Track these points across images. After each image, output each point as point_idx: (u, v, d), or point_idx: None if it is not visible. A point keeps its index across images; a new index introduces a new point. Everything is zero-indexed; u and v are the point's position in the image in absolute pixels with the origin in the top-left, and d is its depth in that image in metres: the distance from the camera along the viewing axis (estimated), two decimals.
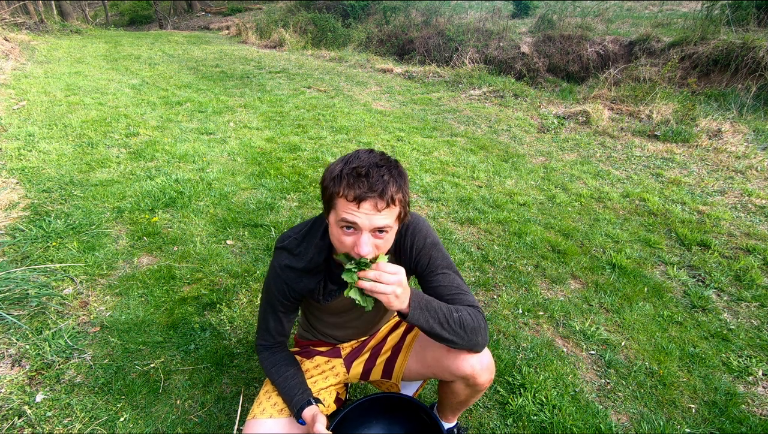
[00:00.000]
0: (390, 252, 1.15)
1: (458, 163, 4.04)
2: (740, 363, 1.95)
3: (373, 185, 0.91)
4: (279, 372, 1.21)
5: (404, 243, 1.14)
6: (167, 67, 7.70)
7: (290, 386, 1.18)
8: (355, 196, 0.91)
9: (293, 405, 1.15)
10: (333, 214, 0.97)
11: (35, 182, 3.21)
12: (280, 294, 1.17)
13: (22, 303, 2.06)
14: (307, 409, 1.13)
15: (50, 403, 1.62)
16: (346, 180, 0.92)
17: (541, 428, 1.61)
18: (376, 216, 0.93)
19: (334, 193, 0.94)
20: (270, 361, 1.24)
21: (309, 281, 1.15)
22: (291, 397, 1.16)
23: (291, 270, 1.13)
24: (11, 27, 9.77)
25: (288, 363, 1.24)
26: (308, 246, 1.12)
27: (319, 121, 5.04)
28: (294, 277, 1.14)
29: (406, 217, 1.02)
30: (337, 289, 1.17)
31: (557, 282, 2.46)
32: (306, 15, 11.96)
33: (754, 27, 7.20)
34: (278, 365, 1.23)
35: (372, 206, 0.92)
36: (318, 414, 1.10)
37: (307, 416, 1.11)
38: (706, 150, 4.39)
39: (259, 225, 2.84)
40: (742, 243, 2.85)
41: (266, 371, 1.24)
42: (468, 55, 8.67)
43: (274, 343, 1.25)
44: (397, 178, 0.96)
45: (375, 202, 0.92)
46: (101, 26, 15.72)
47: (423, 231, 1.14)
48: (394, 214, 0.96)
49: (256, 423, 1.15)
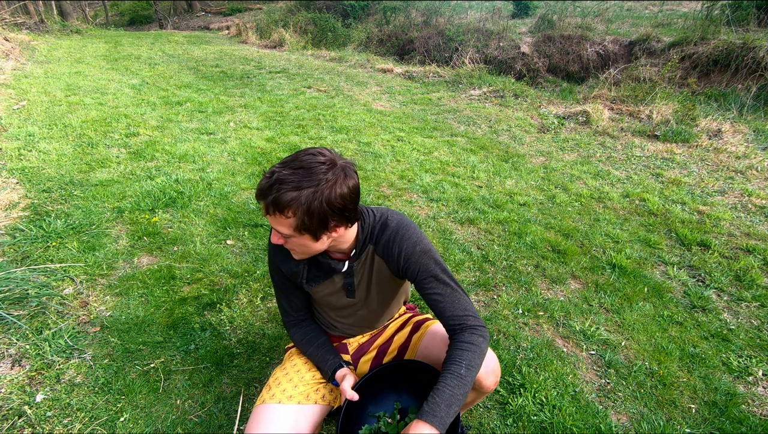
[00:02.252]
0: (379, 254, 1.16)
1: (458, 163, 4.04)
2: (740, 364, 1.95)
3: (265, 191, 0.96)
4: (310, 343, 1.30)
5: (392, 249, 1.13)
6: (167, 67, 7.70)
7: (322, 353, 1.27)
8: (256, 194, 0.98)
9: (327, 368, 1.24)
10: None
11: (35, 182, 3.21)
12: (275, 273, 1.25)
13: (22, 303, 2.06)
14: (340, 371, 1.22)
15: (50, 403, 1.62)
16: (263, 177, 0.99)
17: (541, 428, 1.61)
18: (270, 218, 0.99)
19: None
20: (299, 335, 1.32)
21: (293, 262, 1.18)
22: (324, 362, 1.25)
23: (279, 248, 1.18)
24: (11, 27, 9.77)
25: (317, 334, 1.32)
26: None
27: (319, 121, 5.04)
28: (281, 255, 1.19)
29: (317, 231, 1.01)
30: (321, 275, 1.19)
31: (557, 282, 2.46)
32: (306, 15, 11.96)
33: (754, 27, 7.21)
34: (308, 337, 1.31)
35: (265, 208, 0.98)
36: (348, 374, 1.20)
37: (339, 376, 1.21)
38: (706, 150, 4.39)
39: (259, 226, 2.84)
40: (742, 244, 2.85)
41: (297, 344, 1.33)
42: (468, 55, 8.67)
43: (297, 319, 1.33)
44: (312, 187, 0.95)
45: (266, 206, 0.97)
46: (101, 26, 15.72)
47: (412, 238, 1.13)
48: (287, 223, 0.98)
49: (264, 408, 1.16)
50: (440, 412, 0.98)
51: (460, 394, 1.01)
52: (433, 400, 1.00)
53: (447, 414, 0.98)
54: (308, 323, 1.33)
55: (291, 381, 1.24)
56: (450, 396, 1.00)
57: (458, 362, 1.04)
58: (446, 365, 1.06)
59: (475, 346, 1.07)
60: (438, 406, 0.99)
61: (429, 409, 0.98)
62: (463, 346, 1.07)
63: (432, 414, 0.97)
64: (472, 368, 1.05)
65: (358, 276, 1.19)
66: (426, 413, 0.98)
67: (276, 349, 1.92)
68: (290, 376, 1.26)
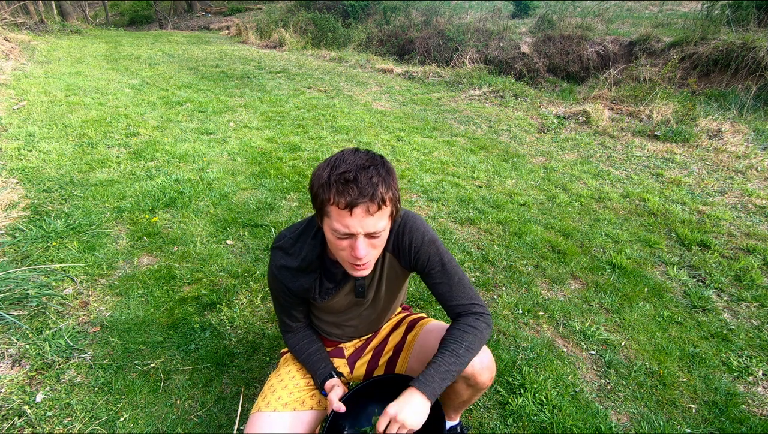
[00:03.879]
0: (388, 250, 1.15)
1: (458, 163, 4.04)
2: (740, 364, 1.95)
3: (363, 190, 0.90)
4: (303, 350, 1.28)
5: (402, 241, 1.14)
6: (167, 67, 7.70)
7: (314, 361, 1.26)
8: (347, 203, 0.90)
9: (317, 377, 1.23)
10: (327, 222, 0.97)
11: (35, 182, 3.21)
12: (281, 294, 1.21)
13: (22, 303, 2.06)
14: (329, 381, 1.21)
15: (50, 403, 1.62)
16: (335, 187, 0.90)
17: (541, 428, 1.61)
18: (368, 220, 0.93)
19: (325, 201, 0.93)
20: (293, 341, 1.31)
21: (304, 280, 1.16)
22: (315, 371, 1.24)
23: (286, 269, 1.15)
24: (11, 27, 9.77)
25: (310, 342, 1.30)
26: (302, 245, 1.13)
27: (319, 121, 5.04)
28: (289, 277, 1.15)
29: (398, 214, 1.03)
30: (333, 287, 1.17)
31: (557, 282, 2.46)
32: (306, 15, 11.96)
33: (754, 27, 7.20)
34: (301, 344, 1.30)
35: (364, 211, 0.91)
36: (336, 385, 1.18)
37: (328, 386, 1.19)
38: (706, 150, 4.39)
39: (260, 226, 2.84)
40: (743, 244, 2.85)
41: (291, 350, 1.31)
42: (468, 55, 8.67)
43: (293, 327, 1.32)
44: (386, 177, 0.94)
45: (366, 206, 0.91)
46: (101, 26, 15.72)
47: (420, 229, 1.14)
48: (386, 214, 0.97)
49: (260, 417, 1.16)
50: (433, 384, 1.03)
51: (455, 371, 1.05)
52: (428, 372, 1.04)
53: (440, 386, 1.03)
54: (304, 329, 1.32)
55: (286, 388, 1.23)
56: (445, 371, 1.04)
57: (458, 342, 1.08)
58: (445, 343, 1.09)
59: (477, 331, 1.09)
60: (432, 378, 1.03)
61: (424, 379, 1.03)
62: (465, 328, 1.10)
63: (425, 384, 1.03)
64: (471, 350, 1.07)
65: (369, 276, 1.18)
66: (420, 382, 1.03)
67: (276, 349, 1.92)
68: (285, 383, 1.25)
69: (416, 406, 1.00)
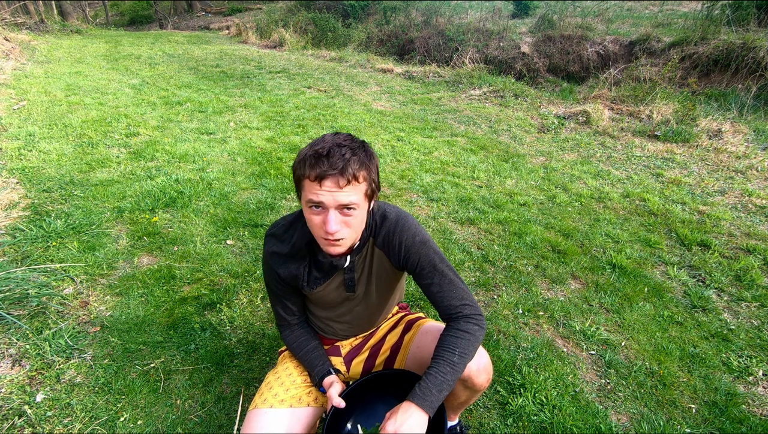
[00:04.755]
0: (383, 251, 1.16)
1: (458, 163, 4.04)
2: (740, 364, 1.95)
3: (333, 163, 0.94)
4: (300, 347, 1.29)
5: (393, 239, 1.15)
6: (167, 67, 7.70)
7: (311, 358, 1.26)
8: (317, 174, 0.94)
9: (315, 375, 1.23)
10: (303, 197, 1.01)
11: (35, 182, 3.21)
12: (272, 280, 1.23)
13: (22, 303, 2.06)
14: (327, 378, 1.21)
15: (50, 403, 1.62)
16: (309, 161, 0.96)
17: (541, 428, 1.61)
18: (338, 193, 0.95)
19: (301, 176, 0.98)
20: (291, 338, 1.31)
21: (293, 266, 1.18)
22: (313, 368, 1.24)
23: (277, 255, 1.18)
24: (11, 27, 9.77)
25: (308, 339, 1.30)
26: (293, 232, 1.17)
27: (319, 121, 5.04)
28: (280, 262, 1.18)
29: (375, 195, 1.05)
30: (321, 277, 1.19)
31: (557, 282, 2.46)
32: (306, 15, 11.96)
33: (754, 27, 7.20)
34: (299, 341, 1.30)
35: (333, 183, 0.95)
36: (335, 382, 1.18)
37: (326, 383, 1.20)
38: (707, 150, 4.38)
39: (260, 225, 2.84)
40: (743, 244, 2.85)
41: (288, 348, 1.32)
42: (468, 55, 8.67)
43: (290, 323, 1.32)
44: (362, 156, 0.98)
45: (336, 179, 0.94)
46: (101, 26, 15.73)
47: (412, 229, 1.15)
48: (359, 190, 0.98)
49: (257, 413, 1.16)
50: (431, 397, 1.02)
51: (451, 380, 1.05)
52: (425, 384, 1.03)
53: (437, 398, 1.03)
54: (301, 326, 1.33)
55: (283, 385, 1.23)
56: (441, 382, 1.03)
57: (451, 349, 1.07)
58: (439, 351, 1.08)
59: (469, 334, 1.09)
60: (429, 391, 1.02)
61: (420, 393, 1.02)
62: (457, 334, 1.09)
63: (422, 398, 1.02)
64: (465, 356, 1.07)
65: (358, 270, 1.19)
66: (417, 396, 1.02)
67: (276, 349, 1.92)
68: (282, 380, 1.25)
69: (415, 422, 0.99)
